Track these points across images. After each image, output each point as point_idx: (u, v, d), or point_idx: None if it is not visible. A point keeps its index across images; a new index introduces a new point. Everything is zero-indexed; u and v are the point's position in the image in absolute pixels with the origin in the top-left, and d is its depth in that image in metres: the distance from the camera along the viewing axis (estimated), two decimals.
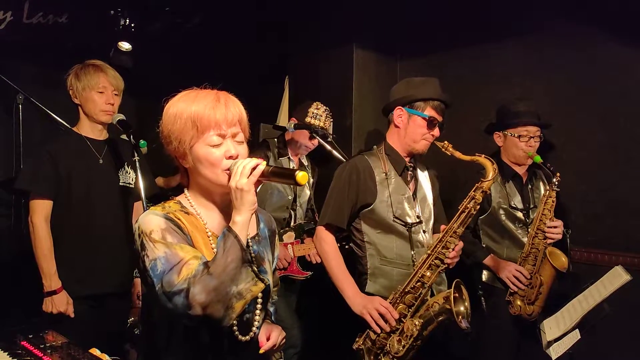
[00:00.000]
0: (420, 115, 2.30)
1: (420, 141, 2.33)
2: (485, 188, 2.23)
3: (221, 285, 1.28)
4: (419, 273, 2.20)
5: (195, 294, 1.26)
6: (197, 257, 1.33)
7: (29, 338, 1.84)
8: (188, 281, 1.27)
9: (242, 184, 1.32)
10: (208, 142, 1.40)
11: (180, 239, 1.37)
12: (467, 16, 3.24)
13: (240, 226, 1.33)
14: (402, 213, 2.32)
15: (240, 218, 1.34)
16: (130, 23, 3.72)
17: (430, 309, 2.15)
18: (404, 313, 2.19)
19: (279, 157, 3.14)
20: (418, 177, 2.44)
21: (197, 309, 1.26)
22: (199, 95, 1.43)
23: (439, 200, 2.53)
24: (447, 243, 2.19)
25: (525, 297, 2.58)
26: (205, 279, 1.27)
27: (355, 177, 2.32)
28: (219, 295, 1.27)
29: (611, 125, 2.74)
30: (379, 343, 2.20)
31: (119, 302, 2.64)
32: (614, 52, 2.73)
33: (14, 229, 3.52)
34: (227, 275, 1.28)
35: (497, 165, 2.26)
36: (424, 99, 2.31)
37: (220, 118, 1.40)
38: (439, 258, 2.19)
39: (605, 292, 2.20)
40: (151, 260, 1.33)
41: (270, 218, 1.71)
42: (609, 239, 2.75)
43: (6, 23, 3.28)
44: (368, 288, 2.30)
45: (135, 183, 2.58)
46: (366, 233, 2.34)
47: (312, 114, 3.04)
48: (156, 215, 1.39)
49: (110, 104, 2.54)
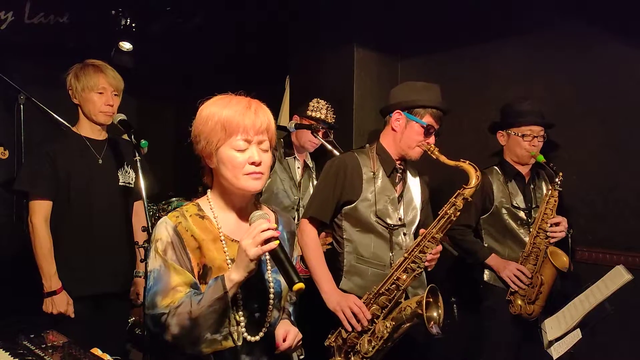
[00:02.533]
0: (419, 122, 2.29)
1: (415, 148, 2.32)
2: (467, 195, 2.16)
3: (196, 328, 1.37)
4: (394, 275, 2.18)
5: (171, 325, 1.37)
6: (187, 284, 1.41)
7: (30, 338, 1.84)
8: (170, 309, 1.37)
9: (249, 252, 1.35)
10: (234, 146, 1.45)
11: (179, 258, 1.44)
12: (468, 15, 3.23)
13: (233, 284, 1.38)
14: (384, 213, 2.32)
15: (235, 277, 1.38)
16: (131, 23, 3.73)
17: (403, 312, 2.13)
18: (377, 314, 2.19)
19: (285, 156, 3.16)
20: (407, 180, 2.43)
21: (167, 336, 1.39)
22: (232, 101, 1.49)
23: (428, 206, 2.52)
24: (424, 248, 2.17)
25: (526, 297, 2.58)
26: (184, 315, 1.36)
27: (342, 173, 2.32)
28: (191, 336, 1.38)
29: (612, 124, 2.73)
30: (350, 342, 2.21)
31: (120, 302, 2.64)
32: (615, 51, 2.72)
33: (16, 228, 3.52)
34: (206, 323, 1.37)
35: (480, 173, 2.18)
36: (425, 106, 2.30)
37: (249, 124, 1.45)
38: (415, 262, 2.17)
39: (606, 291, 2.20)
40: (149, 270, 1.45)
41: (290, 220, 1.74)
42: (610, 238, 2.74)
43: (7, 23, 3.29)
44: (342, 285, 2.31)
45: (136, 183, 2.58)
46: (346, 230, 2.34)
47: (312, 107, 3.07)
48: (168, 225, 1.47)
49: (109, 105, 2.54)
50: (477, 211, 2.71)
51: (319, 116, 3.05)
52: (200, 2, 3.81)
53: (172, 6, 3.75)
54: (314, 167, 3.30)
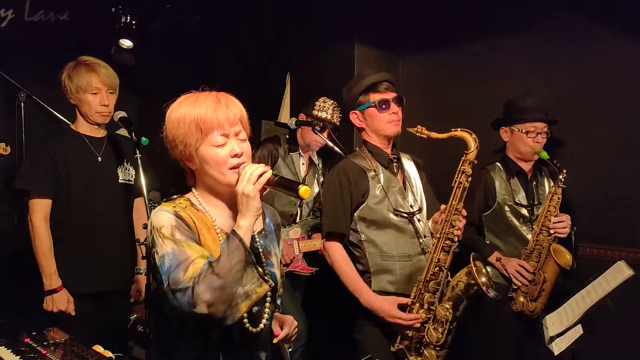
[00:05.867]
0: (369, 106, 2.32)
1: (386, 126, 2.32)
2: (471, 158, 2.23)
3: (226, 285, 1.32)
4: (434, 258, 2.21)
5: (200, 293, 1.31)
6: (203, 256, 1.38)
7: (32, 335, 1.85)
8: (193, 280, 1.32)
9: (248, 190, 1.37)
10: (213, 143, 1.44)
11: (188, 237, 1.41)
12: (468, 12, 3.22)
13: (244, 230, 1.38)
14: (399, 205, 2.32)
15: (244, 222, 1.39)
16: (131, 20, 3.73)
17: (456, 289, 2.17)
18: (431, 300, 2.20)
19: (289, 152, 3.14)
20: (404, 166, 2.45)
21: (201, 307, 1.31)
22: (200, 98, 1.47)
23: (429, 187, 2.52)
24: (452, 221, 2.21)
25: (528, 294, 2.58)
26: (210, 278, 1.32)
27: (345, 180, 2.31)
28: (224, 295, 1.32)
29: (614, 121, 2.73)
30: (416, 337, 2.21)
31: (121, 299, 2.64)
32: (617, 47, 2.71)
33: (16, 227, 3.52)
34: (233, 277, 1.33)
35: (476, 136, 2.25)
36: (363, 90, 2.33)
37: (223, 118, 1.44)
38: (449, 238, 2.20)
39: (608, 287, 2.20)
40: (160, 256, 1.39)
41: (274, 212, 1.75)
42: (612, 234, 2.74)
43: (7, 21, 3.28)
44: (373, 286, 2.29)
45: (137, 180, 2.58)
46: (362, 232, 2.32)
47: (319, 107, 3.05)
48: (166, 211, 1.44)
49: (104, 105, 2.50)
50: (479, 208, 2.71)
51: (325, 116, 3.03)
52: (200, 0, 3.81)
53: (172, 3, 3.75)
54: (320, 164, 3.27)
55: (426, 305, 2.19)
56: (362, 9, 3.41)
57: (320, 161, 3.27)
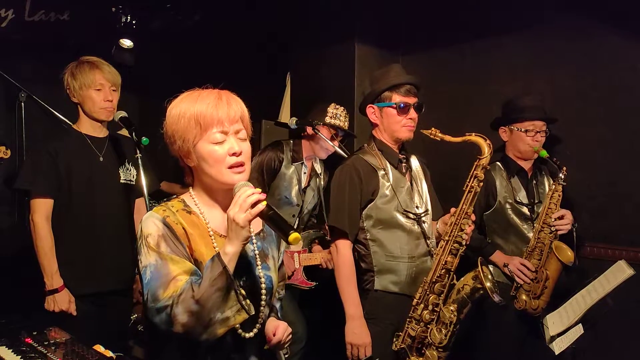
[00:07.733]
0: (389, 105, 2.30)
1: (401, 129, 2.31)
2: (484, 164, 2.24)
3: (204, 311, 1.31)
4: (442, 260, 2.21)
5: (178, 314, 1.31)
6: (187, 272, 1.36)
7: (33, 335, 1.85)
8: (173, 299, 1.31)
9: (239, 219, 1.33)
10: (211, 140, 1.42)
11: (174, 248, 1.39)
12: (469, 11, 3.22)
13: (230, 257, 1.35)
14: (407, 205, 2.32)
15: (231, 249, 1.35)
16: (132, 20, 3.73)
17: (462, 292, 2.17)
18: (436, 302, 2.20)
19: (292, 162, 3.10)
20: (412, 166, 2.45)
21: (177, 327, 1.31)
22: (202, 95, 1.46)
23: (432, 188, 2.52)
24: (461, 225, 2.21)
25: (531, 292, 2.58)
26: (189, 300, 1.30)
27: (356, 177, 2.29)
28: (201, 320, 1.31)
29: (614, 119, 2.73)
30: (418, 337, 2.20)
31: (122, 299, 2.64)
32: (617, 45, 2.71)
33: (17, 227, 3.53)
34: (212, 303, 1.31)
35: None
36: (387, 88, 2.30)
37: (223, 115, 1.42)
38: (457, 241, 2.21)
39: (608, 286, 2.20)
40: (143, 266, 1.37)
41: None
42: (613, 233, 2.74)
43: (8, 21, 3.29)
44: (376, 285, 2.29)
45: (137, 180, 2.57)
46: (368, 230, 2.31)
47: (331, 113, 3.02)
48: (156, 219, 1.42)
49: (108, 101, 2.52)
50: (480, 207, 2.71)
51: (338, 124, 3.01)
52: (200, 0, 3.81)
53: (172, 3, 3.75)
54: (322, 173, 3.25)
55: (431, 306, 2.19)
56: (362, 9, 3.41)
57: (322, 169, 3.25)
